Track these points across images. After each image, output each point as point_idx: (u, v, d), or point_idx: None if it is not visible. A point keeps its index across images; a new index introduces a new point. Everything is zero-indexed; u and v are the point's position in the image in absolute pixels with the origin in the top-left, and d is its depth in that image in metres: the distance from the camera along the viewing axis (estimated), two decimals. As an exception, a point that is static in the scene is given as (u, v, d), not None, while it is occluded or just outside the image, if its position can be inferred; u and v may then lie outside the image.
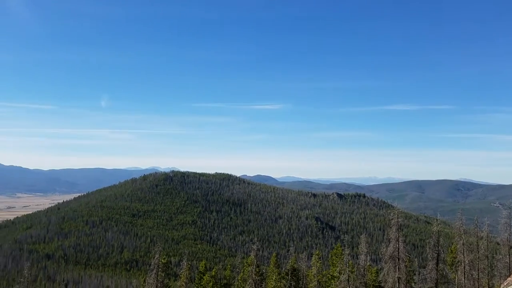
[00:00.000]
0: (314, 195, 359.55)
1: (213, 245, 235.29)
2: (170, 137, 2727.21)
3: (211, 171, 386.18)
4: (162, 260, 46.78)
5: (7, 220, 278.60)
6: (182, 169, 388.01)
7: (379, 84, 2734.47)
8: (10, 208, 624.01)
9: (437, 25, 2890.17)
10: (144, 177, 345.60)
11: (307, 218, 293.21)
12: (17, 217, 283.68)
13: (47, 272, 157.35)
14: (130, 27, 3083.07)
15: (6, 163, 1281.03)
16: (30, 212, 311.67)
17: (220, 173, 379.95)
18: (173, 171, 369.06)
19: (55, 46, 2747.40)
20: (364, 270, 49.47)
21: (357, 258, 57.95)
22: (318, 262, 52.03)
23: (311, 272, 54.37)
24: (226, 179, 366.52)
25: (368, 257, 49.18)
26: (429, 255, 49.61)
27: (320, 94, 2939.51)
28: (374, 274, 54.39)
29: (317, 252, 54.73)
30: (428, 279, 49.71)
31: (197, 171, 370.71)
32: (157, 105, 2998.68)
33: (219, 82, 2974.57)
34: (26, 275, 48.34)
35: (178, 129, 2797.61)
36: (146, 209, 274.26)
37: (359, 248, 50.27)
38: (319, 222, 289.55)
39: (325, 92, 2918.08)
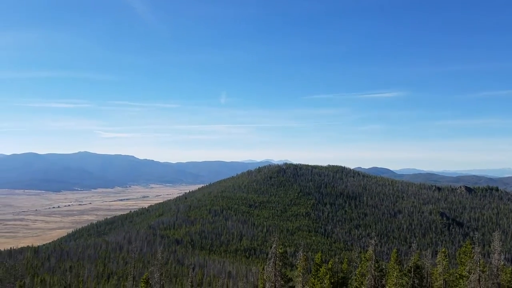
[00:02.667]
0: (439, 189, 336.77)
1: (327, 237, 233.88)
2: (282, 130, 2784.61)
3: (324, 163, 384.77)
4: (279, 250, 47.98)
5: (142, 208, 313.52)
6: (295, 162, 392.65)
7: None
8: (144, 197, 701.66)
9: None
10: (259, 170, 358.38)
11: (430, 213, 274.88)
12: (150, 205, 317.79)
13: (176, 256, 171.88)
14: (243, 27, 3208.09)
15: (141, 157, 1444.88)
16: (162, 201, 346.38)
17: (333, 165, 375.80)
18: (286, 164, 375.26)
19: (178, 48, 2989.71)
20: (497, 270, 45.08)
21: (489, 257, 52.91)
22: (444, 260, 48.76)
23: (437, 271, 51.16)
24: (339, 171, 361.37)
25: (502, 256, 44.46)
26: None
27: (443, 78, 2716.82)
28: (509, 275, 49.22)
29: (443, 250, 51.27)
30: None
31: (309, 163, 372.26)
32: (269, 99, 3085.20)
33: (329, 73, 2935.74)
34: (160, 258, 53.39)
35: (290, 122, 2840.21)
36: (262, 200, 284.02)
37: (492, 246, 46.07)
38: (444, 218, 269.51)
39: (448, 76, 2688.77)
